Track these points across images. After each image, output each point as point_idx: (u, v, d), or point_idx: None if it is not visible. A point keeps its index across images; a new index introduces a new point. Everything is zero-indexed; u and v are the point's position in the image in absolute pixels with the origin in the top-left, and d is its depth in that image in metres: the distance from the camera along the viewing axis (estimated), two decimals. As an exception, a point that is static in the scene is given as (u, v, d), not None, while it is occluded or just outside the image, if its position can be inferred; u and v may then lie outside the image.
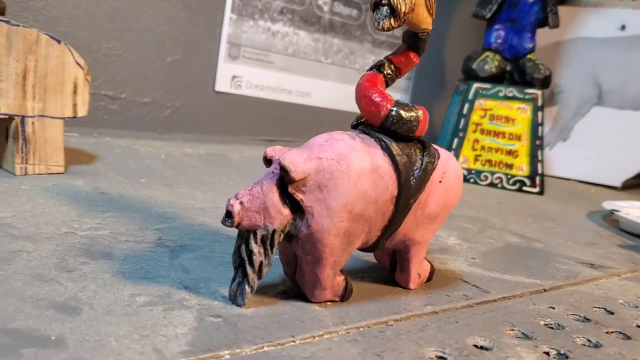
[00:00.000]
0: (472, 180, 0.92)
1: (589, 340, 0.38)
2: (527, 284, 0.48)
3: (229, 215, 0.32)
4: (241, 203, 0.33)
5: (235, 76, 0.89)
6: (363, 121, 0.38)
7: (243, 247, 0.33)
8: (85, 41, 0.74)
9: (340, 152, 0.34)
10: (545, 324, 0.40)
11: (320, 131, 0.92)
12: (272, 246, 0.34)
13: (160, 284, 0.35)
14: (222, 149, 0.84)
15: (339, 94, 1.02)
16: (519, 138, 0.92)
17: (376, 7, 0.35)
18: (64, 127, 0.56)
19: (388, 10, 0.35)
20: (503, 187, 0.92)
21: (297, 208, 0.34)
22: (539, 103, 0.91)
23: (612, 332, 0.40)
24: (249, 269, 0.34)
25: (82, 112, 0.58)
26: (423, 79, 1.14)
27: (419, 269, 0.41)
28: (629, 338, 0.39)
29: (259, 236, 0.33)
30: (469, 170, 0.92)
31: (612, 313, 0.44)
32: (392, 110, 0.36)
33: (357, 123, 0.38)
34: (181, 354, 0.28)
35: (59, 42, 0.54)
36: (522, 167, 0.92)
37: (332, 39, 0.99)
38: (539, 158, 0.91)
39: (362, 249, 0.38)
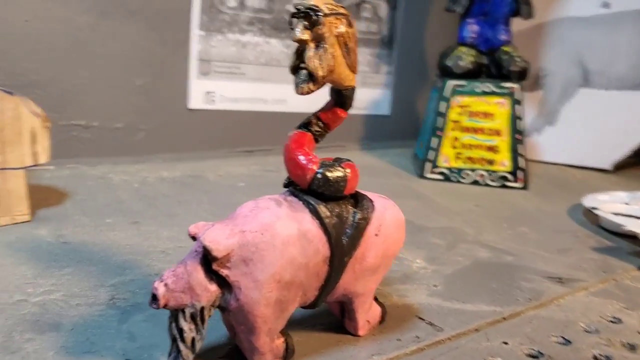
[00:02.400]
0: (454, 180, 0.92)
1: (533, 384, 0.38)
2: (485, 313, 0.48)
3: (154, 298, 0.33)
4: (165, 285, 0.33)
5: (209, 92, 0.89)
6: (293, 181, 0.38)
7: (174, 324, 0.34)
8: (50, 74, 0.74)
9: (265, 222, 0.34)
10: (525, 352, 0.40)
11: None
12: (202, 321, 0.34)
13: (102, 358, 0.36)
14: (199, 167, 0.85)
15: (313, 97, 1.01)
16: (498, 133, 0.91)
17: (295, 70, 0.35)
18: (26, 173, 0.57)
19: (307, 74, 0.35)
20: (486, 184, 0.91)
21: (224, 282, 0.34)
22: (517, 96, 0.90)
23: (560, 370, 0.40)
24: (181, 346, 0.34)
25: (43, 158, 0.58)
26: (405, 73, 1.13)
27: (367, 316, 0.42)
28: (576, 376, 0.39)
29: (187, 314, 0.33)
30: (450, 170, 0.92)
31: (570, 342, 0.44)
32: (317, 173, 0.36)
33: (288, 182, 0.38)
34: None
35: (11, 94, 0.54)
36: (503, 162, 0.91)
37: (306, 44, 0.99)
38: (520, 152, 0.90)
39: (302, 307, 0.38)
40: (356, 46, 0.36)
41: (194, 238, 0.34)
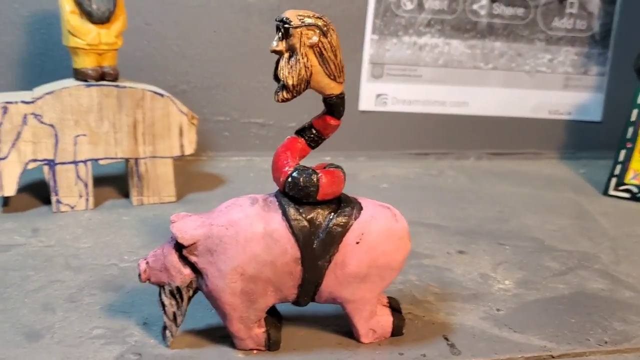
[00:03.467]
0: (644, 199, 0.79)
1: None
2: (531, 347, 0.43)
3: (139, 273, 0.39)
4: (147, 263, 0.39)
5: (380, 94, 0.92)
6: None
7: (158, 298, 0.39)
8: (233, 78, 0.85)
9: (232, 218, 0.37)
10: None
11: (480, 140, 0.87)
12: (181, 299, 0.39)
13: (126, 319, 0.43)
14: (358, 166, 0.88)
15: (503, 100, 0.96)
16: None
17: (276, 79, 0.37)
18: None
19: (281, 83, 0.37)
20: (687, 207, 0.77)
21: (197, 268, 0.38)
22: None
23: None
24: (164, 318, 0.39)
25: (189, 150, 0.68)
26: (622, 75, 1.00)
27: (369, 324, 0.41)
28: None
29: (166, 291, 0.39)
30: (639, 188, 0.79)
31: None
32: (289, 177, 0.37)
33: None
34: (69, 386, 0.36)
35: (162, 95, 0.66)
36: None
37: (493, 43, 0.94)
38: None
39: (295, 304, 0.40)
40: (336, 55, 0.37)
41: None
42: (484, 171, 0.91)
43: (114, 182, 0.72)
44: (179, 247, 0.38)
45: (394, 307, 0.44)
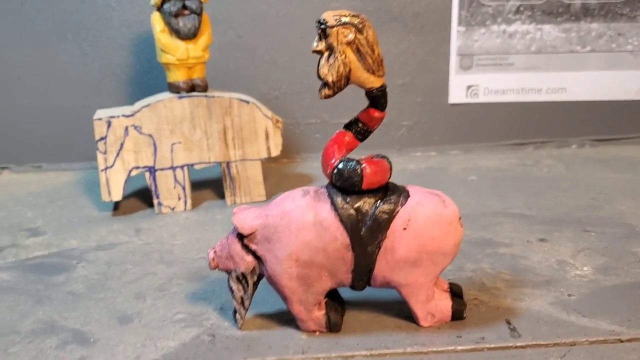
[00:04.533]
0: None
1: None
2: (598, 331, 0.42)
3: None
4: (215, 252, 0.43)
5: (470, 85, 0.91)
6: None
7: (227, 284, 0.43)
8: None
9: (285, 209, 0.40)
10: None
11: (581, 126, 0.83)
12: (247, 284, 0.42)
13: (206, 305, 0.48)
14: (449, 160, 0.88)
15: (604, 83, 0.91)
16: None
17: (319, 77, 0.40)
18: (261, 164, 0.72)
19: (323, 81, 0.39)
20: None
21: (258, 256, 0.41)
22: None
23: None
24: (233, 301, 0.43)
25: (275, 152, 0.73)
26: None
27: (427, 308, 0.43)
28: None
29: (233, 277, 0.42)
30: None
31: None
32: (334, 169, 0.40)
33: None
34: (149, 362, 0.40)
35: (247, 102, 0.70)
36: None
37: (589, 25, 0.89)
38: None
39: (352, 288, 0.43)
40: (373, 50, 0.39)
41: (237, 217, 0.43)
42: (585, 158, 0.87)
43: (212, 186, 0.78)
44: (240, 237, 0.41)
45: (455, 292, 0.44)
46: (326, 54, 0.39)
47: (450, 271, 0.51)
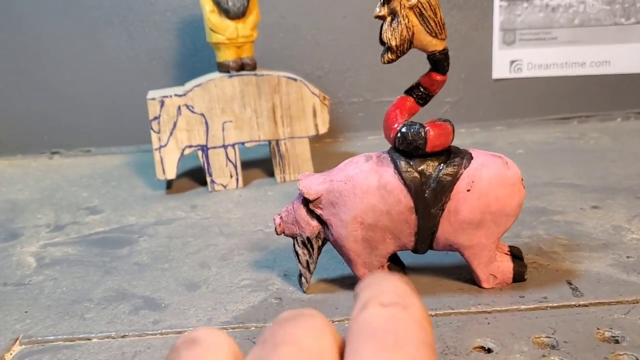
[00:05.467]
0: None
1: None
2: (662, 289, 0.42)
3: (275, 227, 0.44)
4: (280, 217, 0.44)
5: (514, 60, 0.91)
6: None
7: (293, 249, 0.44)
8: (362, 60, 0.89)
9: (349, 174, 0.41)
10: (602, 337, 0.37)
11: (626, 99, 0.82)
12: (312, 248, 0.44)
13: (270, 272, 0.49)
14: (495, 135, 0.88)
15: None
16: None
17: (381, 42, 0.41)
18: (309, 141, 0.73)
19: (386, 45, 0.40)
20: None
21: (323, 220, 0.43)
22: None
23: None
24: (299, 266, 0.44)
25: (322, 129, 0.74)
26: None
27: (489, 270, 0.43)
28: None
29: (299, 241, 0.44)
30: None
31: None
32: (398, 132, 0.41)
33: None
34: (222, 323, 0.42)
35: (295, 80, 0.71)
36: None
37: (635, -4, 0.88)
38: None
39: (414, 252, 0.43)
40: (436, 13, 0.39)
41: (301, 183, 0.44)
42: (632, 130, 0.87)
43: (261, 165, 0.79)
44: (306, 202, 0.43)
45: (516, 254, 0.45)
46: (389, 19, 0.39)
47: (507, 238, 0.51)
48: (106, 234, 0.60)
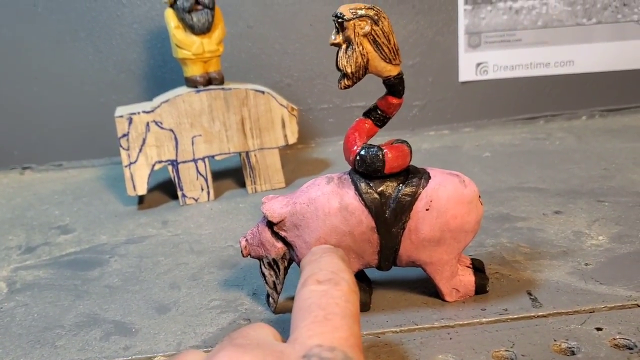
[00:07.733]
0: None
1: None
2: (615, 297, 0.44)
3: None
4: (246, 240, 0.45)
5: (480, 63, 0.92)
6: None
7: (259, 270, 0.45)
8: (333, 67, 0.90)
9: (311, 197, 0.42)
10: (558, 349, 0.39)
11: (591, 98, 0.83)
12: (278, 269, 0.44)
13: (239, 291, 0.50)
14: (463, 138, 0.89)
15: (612, 54, 0.92)
16: None
17: (338, 69, 0.41)
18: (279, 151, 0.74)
19: (342, 72, 0.41)
20: None
21: (288, 242, 0.43)
22: None
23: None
24: (266, 287, 0.45)
25: (292, 140, 0.74)
26: None
27: (451, 284, 0.45)
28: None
29: (265, 263, 0.45)
30: None
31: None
32: (357, 155, 0.42)
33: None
34: (191, 347, 0.42)
35: (263, 92, 0.72)
36: None
37: (595, -3, 0.90)
38: None
39: (378, 269, 0.45)
40: (389, 40, 0.40)
41: (266, 206, 0.45)
42: (596, 129, 0.89)
43: (233, 175, 0.80)
44: (270, 225, 0.43)
45: (477, 267, 0.46)
46: (344, 46, 0.40)
47: (471, 247, 0.53)
48: (77, 255, 0.61)
